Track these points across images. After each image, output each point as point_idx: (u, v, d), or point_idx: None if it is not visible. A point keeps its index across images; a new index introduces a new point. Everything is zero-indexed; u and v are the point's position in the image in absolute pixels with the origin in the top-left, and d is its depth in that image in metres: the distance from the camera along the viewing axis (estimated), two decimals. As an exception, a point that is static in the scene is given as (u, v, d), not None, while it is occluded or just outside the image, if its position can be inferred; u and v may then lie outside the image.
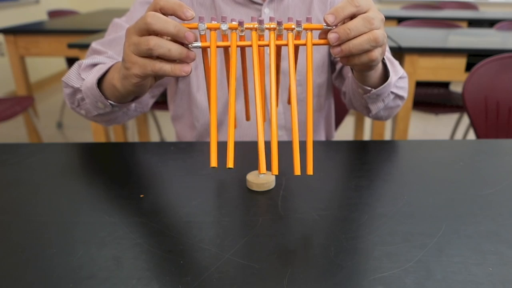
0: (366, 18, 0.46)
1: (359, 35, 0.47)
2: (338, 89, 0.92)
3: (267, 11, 0.80)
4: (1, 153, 0.68)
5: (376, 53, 0.49)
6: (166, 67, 0.47)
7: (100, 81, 0.64)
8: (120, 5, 4.29)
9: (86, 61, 0.69)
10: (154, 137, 2.58)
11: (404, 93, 0.77)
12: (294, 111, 0.46)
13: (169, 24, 0.45)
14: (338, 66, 0.87)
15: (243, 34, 0.48)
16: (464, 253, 0.44)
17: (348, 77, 0.81)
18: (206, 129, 0.86)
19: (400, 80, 0.75)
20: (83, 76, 0.67)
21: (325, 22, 0.47)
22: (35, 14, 3.80)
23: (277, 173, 0.45)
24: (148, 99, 0.82)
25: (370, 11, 0.47)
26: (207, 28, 0.47)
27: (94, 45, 0.77)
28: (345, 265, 0.42)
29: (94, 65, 0.69)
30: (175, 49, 0.46)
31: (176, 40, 0.46)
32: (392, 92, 0.73)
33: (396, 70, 0.74)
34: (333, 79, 0.91)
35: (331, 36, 0.47)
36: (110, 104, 0.64)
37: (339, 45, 0.47)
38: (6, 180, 0.59)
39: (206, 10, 0.80)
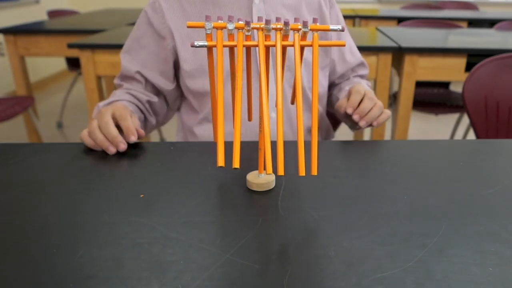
0: (370, 99, 0.77)
1: (370, 110, 0.76)
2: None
3: (257, 1, 0.83)
4: (1, 153, 0.68)
5: (384, 116, 0.77)
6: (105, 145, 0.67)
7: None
8: (120, 5, 4.29)
9: (101, 103, 0.82)
10: (154, 137, 2.58)
11: (367, 72, 1.00)
12: (299, 112, 0.46)
13: (104, 141, 0.67)
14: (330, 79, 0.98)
15: (249, 33, 0.48)
16: (464, 253, 0.44)
17: (334, 86, 0.99)
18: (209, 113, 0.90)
19: (362, 70, 0.99)
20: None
21: (347, 112, 0.77)
22: (35, 14, 3.80)
23: (283, 173, 0.45)
24: (166, 113, 0.95)
25: (368, 93, 0.78)
26: (214, 27, 0.47)
27: (116, 81, 0.91)
28: (345, 265, 0.42)
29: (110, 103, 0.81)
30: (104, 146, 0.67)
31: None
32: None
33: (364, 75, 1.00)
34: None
35: (356, 117, 0.76)
36: None
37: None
38: (6, 180, 0.59)
39: None
